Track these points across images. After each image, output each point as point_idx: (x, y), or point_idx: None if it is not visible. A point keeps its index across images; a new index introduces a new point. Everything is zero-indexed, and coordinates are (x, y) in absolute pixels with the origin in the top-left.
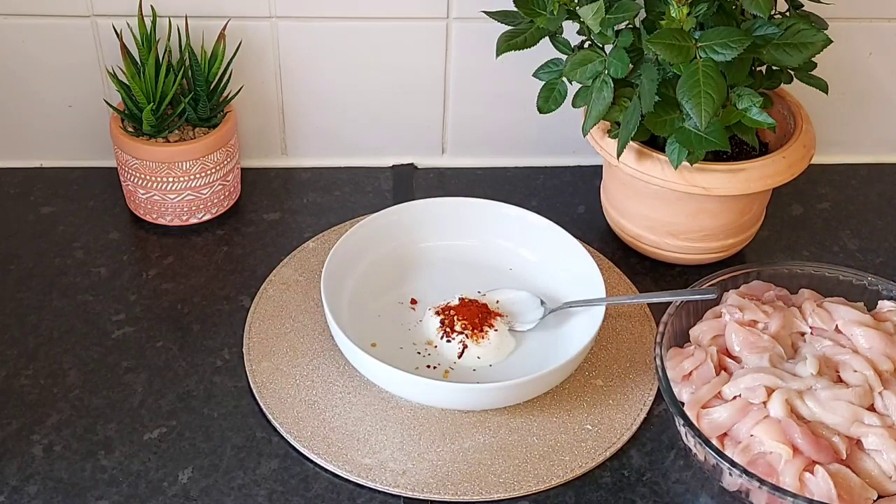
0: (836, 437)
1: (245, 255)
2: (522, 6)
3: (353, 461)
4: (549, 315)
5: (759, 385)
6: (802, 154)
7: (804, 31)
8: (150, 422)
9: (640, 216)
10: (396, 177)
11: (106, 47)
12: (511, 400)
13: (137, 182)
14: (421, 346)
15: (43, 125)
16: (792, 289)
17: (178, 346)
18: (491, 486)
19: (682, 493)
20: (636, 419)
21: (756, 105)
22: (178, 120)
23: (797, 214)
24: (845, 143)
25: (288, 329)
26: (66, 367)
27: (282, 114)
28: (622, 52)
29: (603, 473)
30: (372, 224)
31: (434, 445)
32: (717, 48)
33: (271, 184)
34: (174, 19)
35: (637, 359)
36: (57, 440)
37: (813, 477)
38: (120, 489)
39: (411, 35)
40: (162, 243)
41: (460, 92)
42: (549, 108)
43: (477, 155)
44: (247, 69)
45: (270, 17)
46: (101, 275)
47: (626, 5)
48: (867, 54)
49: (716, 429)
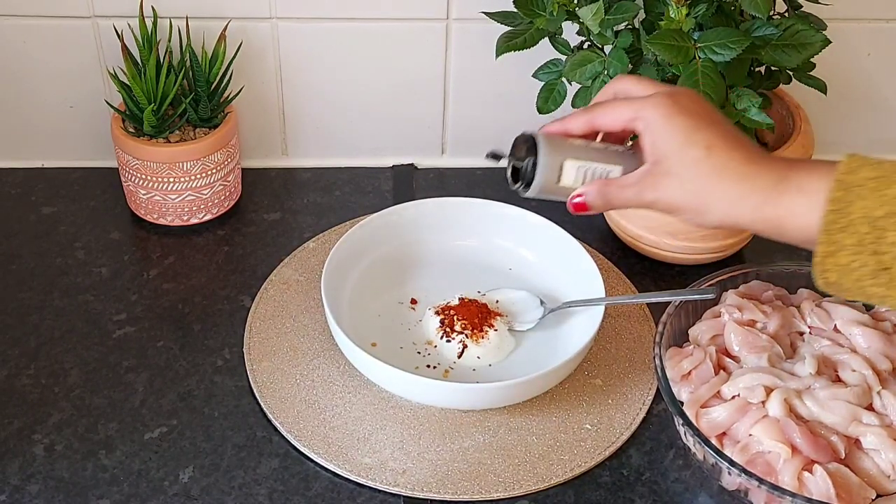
0: (835, 437)
1: (246, 255)
2: (522, 7)
3: (354, 460)
4: (548, 315)
5: (757, 384)
6: (801, 154)
7: (803, 31)
8: (151, 421)
9: (640, 216)
10: (396, 177)
11: (107, 48)
12: (511, 399)
13: (138, 182)
14: (421, 345)
15: (44, 125)
16: (791, 288)
17: (179, 346)
18: (491, 485)
19: (682, 492)
20: (635, 419)
21: (755, 105)
22: (179, 120)
23: None
24: (844, 143)
25: (288, 329)
26: (67, 366)
27: (282, 114)
28: (621, 52)
29: (602, 473)
30: (372, 224)
31: (434, 445)
32: (716, 49)
33: (272, 184)
34: (175, 20)
35: (636, 358)
36: (58, 439)
37: (811, 476)
38: (121, 488)
39: (411, 35)
40: (163, 243)
41: (460, 92)
42: (548, 109)
43: (477, 155)
44: (247, 70)
45: (271, 18)
46: (102, 275)
47: (626, 6)
48: (866, 55)
49: (715, 428)
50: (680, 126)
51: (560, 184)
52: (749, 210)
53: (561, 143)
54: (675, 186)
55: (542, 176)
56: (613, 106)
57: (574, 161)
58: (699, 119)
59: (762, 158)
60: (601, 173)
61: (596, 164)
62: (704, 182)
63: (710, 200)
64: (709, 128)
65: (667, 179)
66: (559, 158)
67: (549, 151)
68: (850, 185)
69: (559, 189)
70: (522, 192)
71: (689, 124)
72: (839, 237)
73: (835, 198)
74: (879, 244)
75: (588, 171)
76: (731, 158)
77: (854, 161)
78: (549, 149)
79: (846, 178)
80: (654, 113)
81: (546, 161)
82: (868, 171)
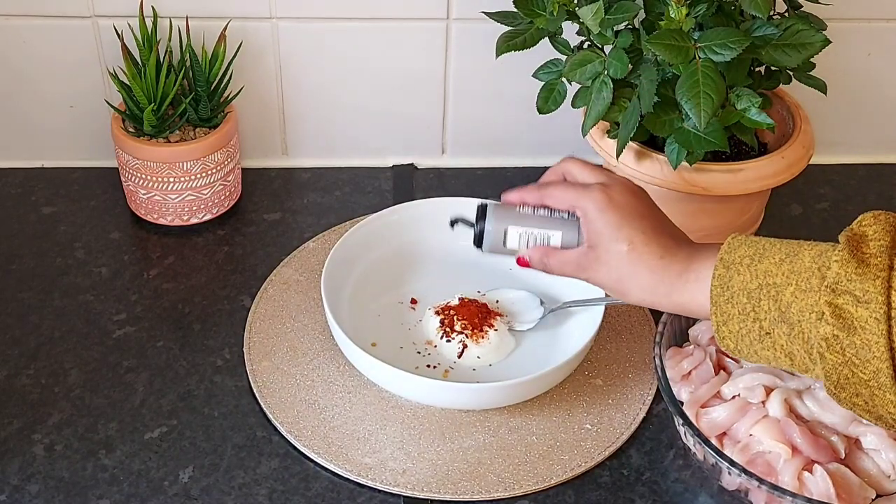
0: (835, 437)
1: (246, 255)
2: (522, 7)
3: (354, 460)
4: (548, 315)
5: (757, 384)
6: (801, 154)
7: (803, 31)
8: (151, 421)
9: None
10: (396, 177)
11: (107, 48)
12: (511, 399)
13: (138, 182)
14: (421, 345)
15: (44, 125)
16: None
17: (179, 346)
18: (491, 485)
19: (682, 492)
20: (635, 419)
21: (755, 105)
22: (179, 120)
23: (796, 214)
24: (844, 143)
25: (288, 329)
26: (67, 366)
27: (282, 114)
28: (621, 52)
29: (602, 473)
30: (372, 224)
31: (434, 445)
32: (716, 49)
33: (272, 184)
34: (175, 20)
35: (636, 358)
36: (58, 439)
37: (812, 476)
38: (121, 488)
39: (411, 35)
40: (163, 243)
41: (460, 92)
42: (548, 109)
43: (477, 155)
44: (247, 70)
45: (271, 18)
46: (103, 275)
47: (626, 6)
48: (866, 55)
49: (715, 428)
50: (610, 221)
51: (507, 246)
52: (660, 297)
53: (509, 212)
54: (603, 272)
55: (489, 238)
56: (561, 190)
57: (516, 227)
58: (627, 213)
59: (674, 250)
60: (542, 239)
61: (537, 231)
62: (624, 272)
63: (629, 287)
64: (632, 223)
65: (597, 264)
66: (503, 225)
67: (494, 219)
68: (729, 263)
69: (507, 250)
70: (477, 244)
71: (616, 220)
72: (727, 308)
73: (718, 274)
74: (758, 312)
75: (530, 237)
76: (646, 253)
77: (735, 241)
78: (495, 217)
79: (726, 256)
80: (591, 206)
81: (491, 227)
82: (744, 249)
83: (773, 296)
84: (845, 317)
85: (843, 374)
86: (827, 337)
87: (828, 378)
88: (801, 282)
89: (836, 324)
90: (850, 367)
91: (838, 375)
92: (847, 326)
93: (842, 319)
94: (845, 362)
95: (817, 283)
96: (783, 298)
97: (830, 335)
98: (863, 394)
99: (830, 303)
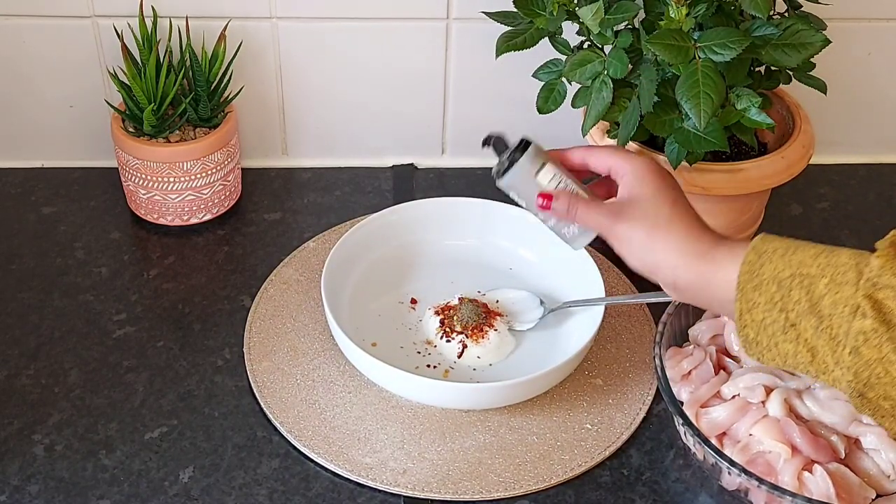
0: (835, 437)
1: (246, 255)
2: (522, 7)
3: (354, 460)
4: (548, 315)
5: (757, 384)
6: (801, 154)
7: (803, 31)
8: (151, 421)
9: None
10: (396, 177)
11: (107, 48)
12: (511, 399)
13: (138, 182)
14: (421, 345)
15: (44, 125)
16: None
17: (179, 346)
18: (491, 485)
19: (682, 492)
20: (635, 418)
21: (755, 105)
22: (179, 120)
23: (796, 214)
24: (844, 143)
25: (288, 329)
26: (67, 366)
27: (282, 114)
28: (621, 52)
29: (602, 472)
30: (372, 224)
31: (434, 445)
32: (716, 48)
33: (272, 184)
34: (175, 20)
35: (636, 358)
36: (58, 440)
37: (812, 476)
38: (121, 488)
39: (411, 35)
40: (163, 243)
41: (460, 92)
42: (548, 109)
43: (477, 155)
44: (247, 69)
45: (271, 18)
46: (103, 275)
47: (626, 6)
48: (866, 55)
49: (715, 428)
50: (657, 181)
51: (536, 178)
52: (688, 259)
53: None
54: (638, 221)
55: (519, 170)
56: (607, 152)
57: (554, 167)
58: (671, 183)
59: (706, 227)
60: (572, 188)
61: (570, 181)
62: (661, 222)
63: (658, 243)
64: (675, 191)
65: (634, 212)
66: (544, 158)
67: (538, 150)
68: (761, 251)
69: (533, 183)
70: (502, 171)
71: (663, 183)
72: (752, 295)
73: (748, 260)
74: (786, 302)
75: (562, 181)
76: (686, 217)
77: (767, 236)
78: (534, 153)
79: (759, 245)
80: (641, 164)
81: (533, 152)
82: (777, 243)
83: (806, 286)
84: (885, 311)
85: (875, 373)
86: (865, 331)
87: (856, 376)
88: (836, 275)
89: (877, 317)
90: (886, 364)
91: (870, 373)
92: (887, 321)
93: (882, 314)
94: (881, 359)
95: (854, 277)
96: (816, 290)
97: (870, 329)
98: (892, 396)
99: (870, 296)
